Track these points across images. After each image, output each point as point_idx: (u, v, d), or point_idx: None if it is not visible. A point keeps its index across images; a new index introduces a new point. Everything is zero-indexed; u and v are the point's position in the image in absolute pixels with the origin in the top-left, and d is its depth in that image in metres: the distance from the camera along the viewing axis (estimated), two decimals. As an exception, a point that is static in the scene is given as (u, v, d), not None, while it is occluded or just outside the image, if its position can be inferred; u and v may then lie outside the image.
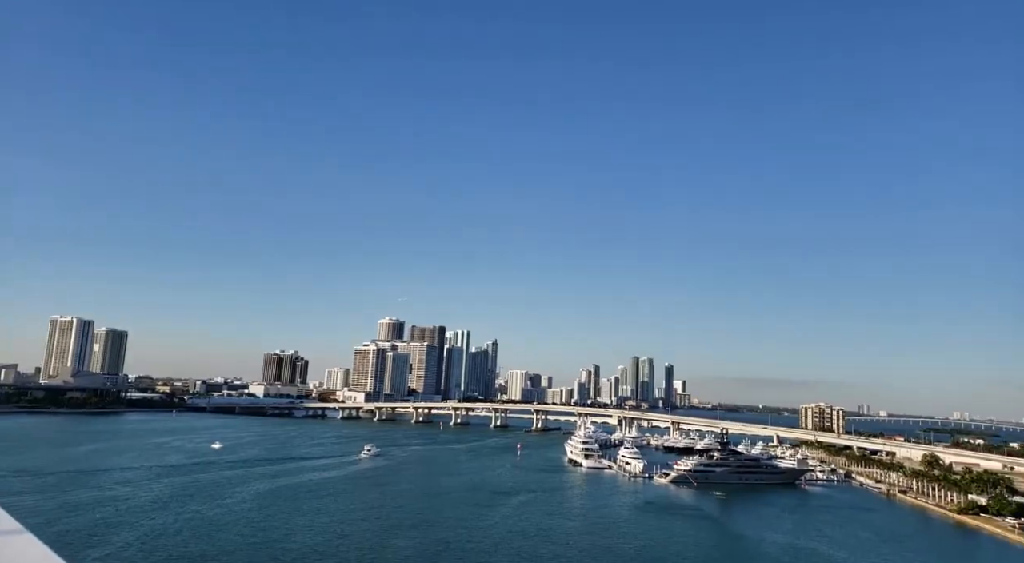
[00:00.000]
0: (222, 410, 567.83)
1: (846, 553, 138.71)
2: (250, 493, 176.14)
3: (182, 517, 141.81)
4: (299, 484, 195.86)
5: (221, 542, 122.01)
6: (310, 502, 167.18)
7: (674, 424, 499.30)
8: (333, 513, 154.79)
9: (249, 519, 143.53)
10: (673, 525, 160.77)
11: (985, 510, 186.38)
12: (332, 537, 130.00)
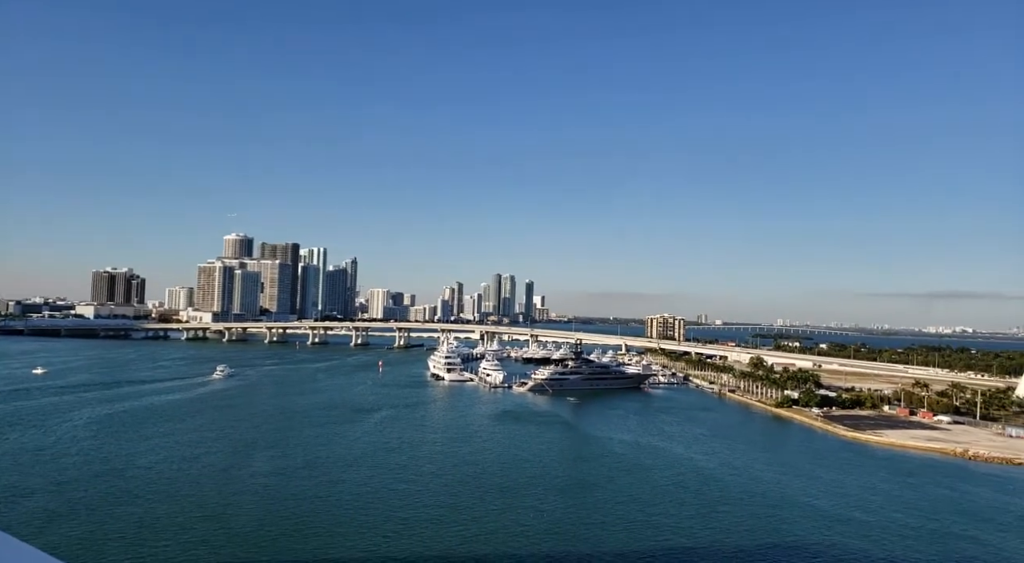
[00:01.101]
0: (43, 333, 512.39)
1: (683, 447, 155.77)
2: (83, 419, 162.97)
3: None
4: (141, 408, 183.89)
5: (50, 473, 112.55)
6: (155, 426, 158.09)
7: (533, 337, 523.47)
8: (182, 436, 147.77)
9: (83, 447, 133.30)
10: (530, 430, 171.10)
11: (797, 403, 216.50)
12: (181, 461, 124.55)
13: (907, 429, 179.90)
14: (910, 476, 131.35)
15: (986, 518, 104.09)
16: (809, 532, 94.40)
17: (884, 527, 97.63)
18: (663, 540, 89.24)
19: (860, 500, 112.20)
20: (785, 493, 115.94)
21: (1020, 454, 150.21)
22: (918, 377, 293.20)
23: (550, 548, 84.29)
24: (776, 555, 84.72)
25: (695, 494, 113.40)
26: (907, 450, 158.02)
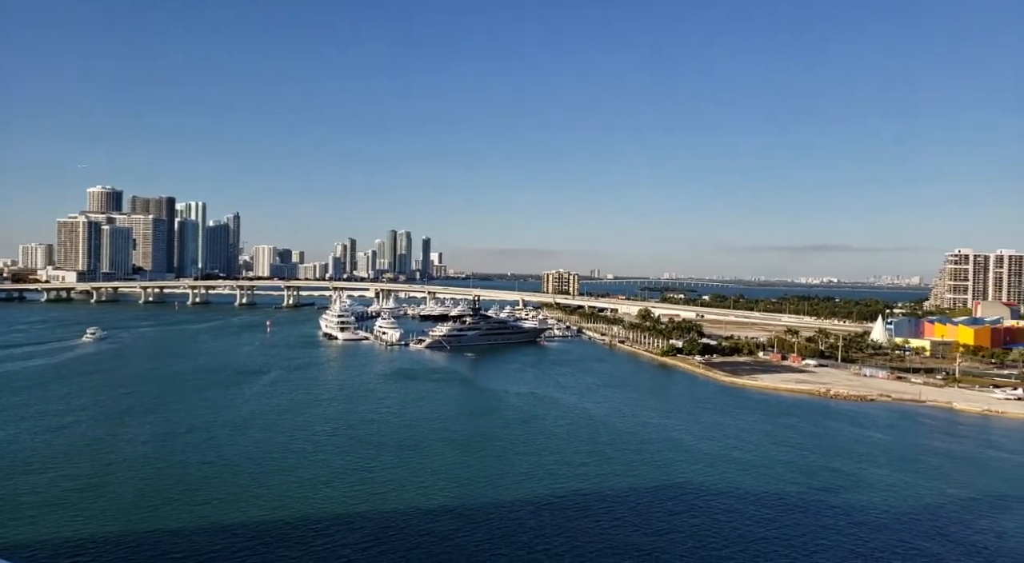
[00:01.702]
0: None
1: (576, 397, 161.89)
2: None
3: None
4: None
5: None
6: (13, 396, 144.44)
7: (430, 294, 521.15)
8: (47, 405, 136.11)
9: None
10: (427, 387, 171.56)
11: (681, 351, 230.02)
12: (47, 431, 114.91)
13: (779, 373, 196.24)
14: (781, 416, 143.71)
15: (845, 450, 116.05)
16: (693, 471, 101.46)
17: (759, 464, 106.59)
18: (559, 486, 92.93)
19: (738, 440, 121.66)
20: (671, 436, 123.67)
21: (873, 391, 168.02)
22: (790, 325, 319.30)
23: (448, 500, 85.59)
24: (664, 493, 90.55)
25: (588, 440, 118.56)
26: (779, 392, 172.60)
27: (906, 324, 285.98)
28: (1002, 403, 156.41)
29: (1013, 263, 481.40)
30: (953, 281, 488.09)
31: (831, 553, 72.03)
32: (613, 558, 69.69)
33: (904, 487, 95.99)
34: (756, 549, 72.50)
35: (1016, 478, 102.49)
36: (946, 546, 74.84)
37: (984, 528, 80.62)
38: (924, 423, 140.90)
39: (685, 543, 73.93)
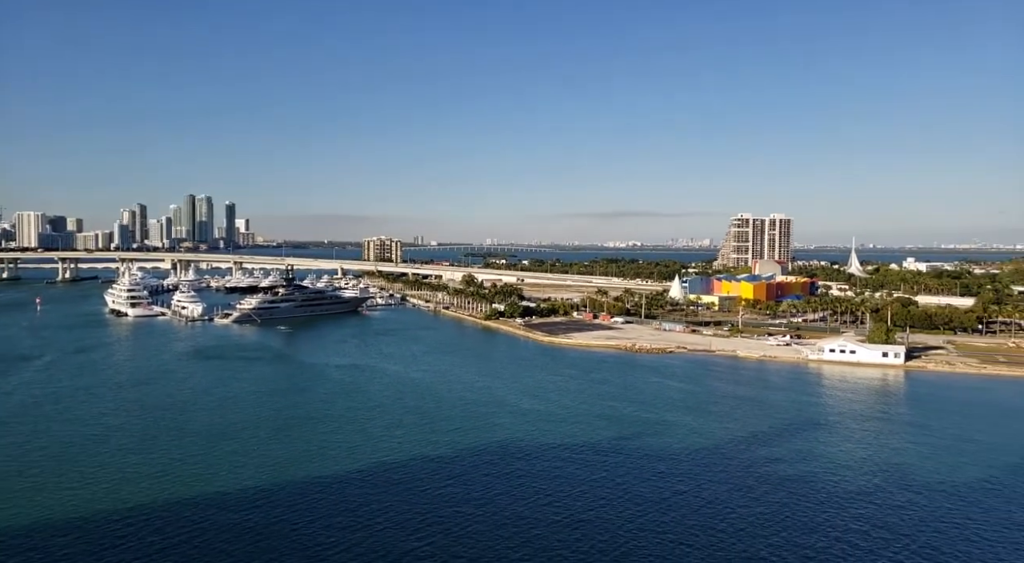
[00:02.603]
0: None
1: (401, 365, 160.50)
2: None
3: None
4: None
5: None
6: None
7: (236, 264, 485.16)
8: None
9: None
10: (237, 365, 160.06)
11: (503, 314, 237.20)
12: None
13: (591, 331, 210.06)
14: (593, 371, 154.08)
15: (650, 400, 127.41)
16: (516, 429, 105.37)
17: (575, 418, 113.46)
18: (383, 456, 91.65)
19: (556, 397, 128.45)
20: (495, 397, 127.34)
21: (671, 344, 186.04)
22: (600, 286, 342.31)
23: (263, 485, 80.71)
24: (491, 452, 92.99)
25: (414, 409, 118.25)
26: (591, 349, 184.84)
27: (699, 282, 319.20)
28: (775, 349, 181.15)
29: (783, 226, 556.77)
30: (736, 242, 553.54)
31: (643, 491, 78.86)
32: (440, 522, 70.30)
33: (700, 428, 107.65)
34: (578, 493, 77.21)
35: (785, 412, 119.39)
36: (733, 475, 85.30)
37: (763, 457, 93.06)
38: (714, 370, 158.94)
39: (512, 495, 76.66)
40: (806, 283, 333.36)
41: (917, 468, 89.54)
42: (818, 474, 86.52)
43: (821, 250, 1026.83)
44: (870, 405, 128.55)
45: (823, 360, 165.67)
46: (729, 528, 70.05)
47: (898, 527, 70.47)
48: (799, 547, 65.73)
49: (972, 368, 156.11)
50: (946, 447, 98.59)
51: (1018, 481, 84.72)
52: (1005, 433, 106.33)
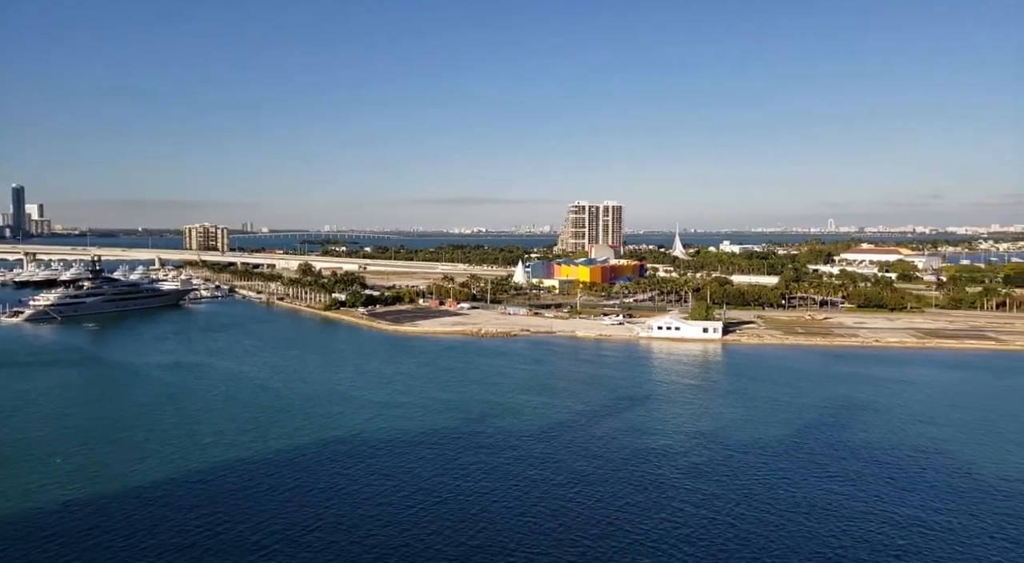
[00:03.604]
0: None
1: (233, 361, 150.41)
2: None
3: None
4: None
5: None
6: None
7: (28, 255, 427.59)
8: None
9: None
10: (26, 371, 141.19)
11: (344, 304, 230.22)
12: None
13: (438, 317, 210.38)
14: (440, 358, 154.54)
15: (497, 383, 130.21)
16: (362, 422, 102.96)
17: (424, 406, 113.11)
18: (214, 459, 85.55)
19: (403, 385, 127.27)
20: (337, 390, 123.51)
21: (515, 328, 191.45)
22: (446, 272, 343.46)
23: (68, 498, 72.13)
24: (331, 447, 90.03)
25: (249, 407, 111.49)
26: (438, 335, 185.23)
27: (541, 267, 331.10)
28: (609, 328, 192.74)
29: (615, 212, 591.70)
30: (574, 228, 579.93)
31: (491, 472, 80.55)
32: (282, 529, 67.08)
33: (546, 407, 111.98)
34: (431, 481, 77.16)
35: (621, 387, 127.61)
36: (572, 449, 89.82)
37: (600, 432, 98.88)
38: (556, 351, 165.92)
39: (360, 491, 74.90)
40: (636, 266, 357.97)
41: (735, 429, 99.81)
42: (648, 442, 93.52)
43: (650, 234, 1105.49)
44: (694, 376, 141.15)
45: (652, 337, 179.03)
46: (585, 501, 73.70)
47: (719, 480, 78.18)
48: (644, 508, 70.80)
49: (777, 339, 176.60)
50: (758, 409, 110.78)
51: (815, 435, 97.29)
52: (804, 394, 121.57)
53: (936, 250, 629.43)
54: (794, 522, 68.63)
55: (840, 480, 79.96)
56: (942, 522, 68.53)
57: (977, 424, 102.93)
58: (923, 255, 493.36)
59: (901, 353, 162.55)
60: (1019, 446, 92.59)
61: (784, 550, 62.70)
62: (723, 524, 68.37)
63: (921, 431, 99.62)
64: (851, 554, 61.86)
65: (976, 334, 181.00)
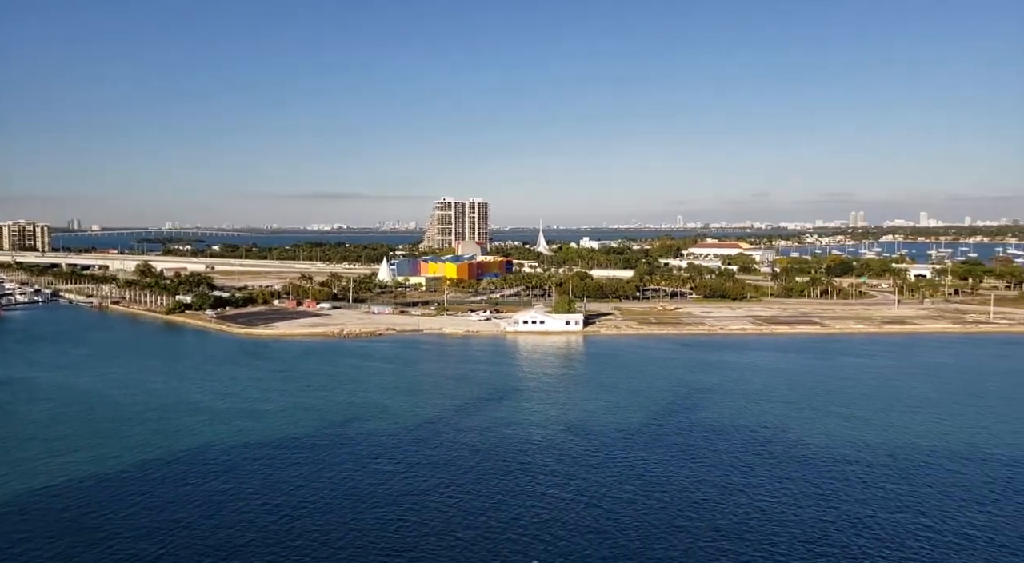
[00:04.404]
0: None
1: (62, 375, 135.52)
2: None
3: None
4: None
5: None
6: None
7: None
8: None
9: None
10: None
11: (190, 307, 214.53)
12: None
13: (296, 319, 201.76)
14: (299, 361, 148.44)
15: (359, 385, 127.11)
16: (214, 433, 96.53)
17: (281, 413, 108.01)
18: (39, 487, 76.57)
19: (258, 393, 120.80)
20: (182, 399, 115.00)
21: (381, 327, 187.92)
22: (304, 271, 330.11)
23: None
24: (180, 462, 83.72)
25: (81, 423, 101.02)
26: (296, 338, 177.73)
27: (406, 264, 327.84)
28: (477, 324, 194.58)
29: (481, 209, 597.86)
30: (440, 225, 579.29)
31: (360, 478, 78.52)
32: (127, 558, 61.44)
33: (412, 408, 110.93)
34: (292, 493, 73.83)
35: (489, 383, 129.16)
36: (442, 447, 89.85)
37: (469, 426, 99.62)
38: (423, 349, 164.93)
39: (213, 507, 70.18)
40: (503, 262, 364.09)
41: (597, 417, 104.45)
42: (516, 436, 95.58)
43: (515, 231, 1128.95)
44: (558, 367, 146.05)
45: (518, 332, 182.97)
46: (446, 501, 73.70)
47: (577, 472, 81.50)
48: (515, 496, 72.05)
49: (633, 329, 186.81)
50: (619, 396, 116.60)
51: (670, 418, 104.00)
52: (659, 380, 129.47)
53: (771, 244, 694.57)
54: (655, 498, 73.15)
55: (695, 459, 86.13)
56: (781, 488, 75.86)
57: (807, 401, 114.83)
58: (760, 249, 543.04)
59: (742, 339, 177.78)
60: (842, 418, 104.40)
61: (652, 525, 66.56)
62: (581, 502, 71.65)
63: (762, 409, 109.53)
64: (708, 522, 66.88)
65: (805, 320, 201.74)
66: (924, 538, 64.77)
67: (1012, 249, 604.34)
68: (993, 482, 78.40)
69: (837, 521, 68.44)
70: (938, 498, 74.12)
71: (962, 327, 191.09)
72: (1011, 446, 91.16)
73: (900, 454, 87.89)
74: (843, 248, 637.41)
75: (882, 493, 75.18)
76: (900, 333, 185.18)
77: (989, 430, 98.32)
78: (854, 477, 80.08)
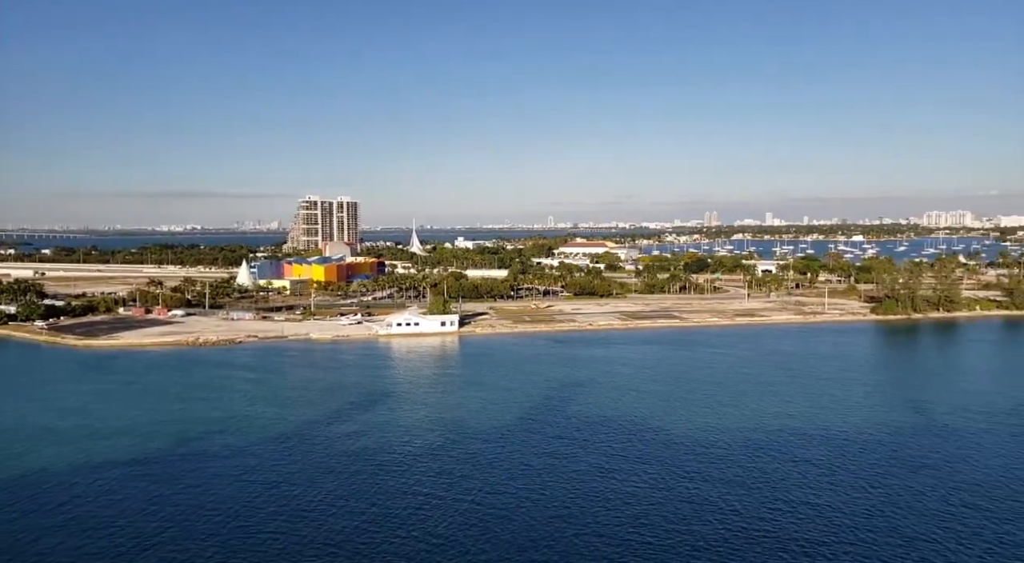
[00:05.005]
0: None
1: None
2: None
3: None
4: None
5: None
6: None
7: None
8: None
9: None
10: None
11: (15, 318, 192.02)
12: None
13: (144, 328, 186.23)
14: (147, 374, 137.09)
15: (218, 396, 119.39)
16: (54, 457, 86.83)
17: (129, 430, 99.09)
18: None
19: (102, 410, 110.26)
20: (16, 423, 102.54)
21: (241, 334, 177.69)
22: (153, 275, 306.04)
23: None
24: (20, 492, 74.56)
25: None
26: (145, 349, 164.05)
27: (268, 266, 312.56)
28: (347, 328, 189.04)
29: (350, 208, 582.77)
30: (306, 225, 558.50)
31: (226, 492, 73.59)
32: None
33: (278, 418, 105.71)
34: (148, 517, 67.87)
35: (361, 388, 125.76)
36: (313, 456, 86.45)
37: (342, 432, 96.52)
38: (289, 356, 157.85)
39: (61, 535, 62.94)
40: (374, 263, 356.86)
41: (475, 417, 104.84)
42: (393, 440, 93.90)
43: (387, 231, 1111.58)
44: (434, 369, 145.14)
45: (392, 334, 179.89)
46: (313, 511, 70.83)
47: (459, 471, 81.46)
48: (384, 517, 70.41)
49: (508, 328, 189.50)
50: (494, 396, 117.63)
51: (544, 413, 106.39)
52: (533, 376, 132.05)
53: (634, 243, 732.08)
54: (536, 492, 74.62)
55: (572, 451, 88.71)
56: (650, 470, 79.87)
57: (670, 389, 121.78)
58: (624, 248, 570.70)
59: (609, 334, 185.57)
60: (702, 404, 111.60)
61: (534, 518, 67.58)
62: (466, 501, 72.03)
63: (631, 399, 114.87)
64: (586, 510, 69.01)
65: (665, 314, 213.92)
66: (776, 509, 70.63)
67: (842, 246, 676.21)
68: (832, 455, 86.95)
69: (699, 500, 73.14)
70: (787, 470, 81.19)
71: (802, 317, 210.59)
72: (844, 421, 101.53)
73: (752, 434, 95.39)
74: (699, 246, 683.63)
75: (740, 470, 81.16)
76: (750, 324, 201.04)
77: (828, 409, 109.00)
78: (715, 456, 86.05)
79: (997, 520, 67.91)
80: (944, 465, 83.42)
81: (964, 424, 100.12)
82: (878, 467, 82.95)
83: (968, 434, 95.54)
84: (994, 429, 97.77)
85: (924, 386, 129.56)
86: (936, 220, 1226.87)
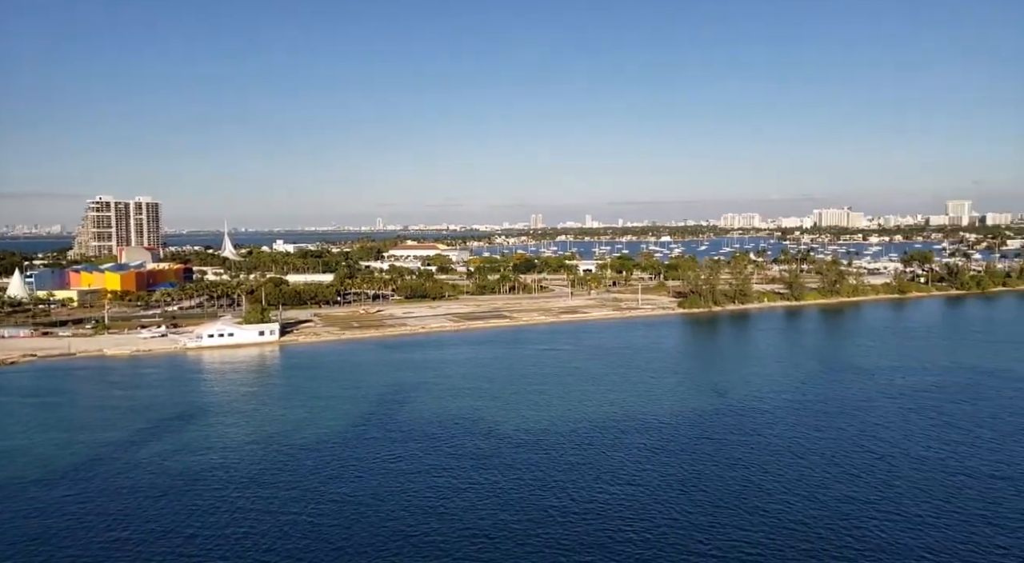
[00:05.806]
0: None
1: None
2: None
3: None
4: None
5: None
6: None
7: None
8: None
9: None
10: None
11: None
12: None
13: None
14: None
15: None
16: None
17: None
18: None
19: None
20: None
21: (15, 354, 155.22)
22: None
23: None
24: None
25: None
26: None
27: (49, 275, 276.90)
28: (149, 342, 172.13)
29: (150, 209, 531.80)
30: (97, 228, 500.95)
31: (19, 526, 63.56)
32: None
33: (65, 446, 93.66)
34: None
35: (163, 409, 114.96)
36: (118, 484, 77.65)
37: (148, 455, 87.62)
38: (78, 377, 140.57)
39: None
40: (180, 269, 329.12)
41: (299, 428, 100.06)
42: (209, 458, 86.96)
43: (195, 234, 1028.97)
44: (252, 382, 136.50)
45: (202, 347, 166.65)
46: (127, 539, 63.54)
47: (283, 478, 77.34)
48: (205, 527, 64.83)
49: (334, 335, 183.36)
50: (319, 406, 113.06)
51: (375, 421, 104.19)
52: (362, 384, 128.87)
53: (465, 245, 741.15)
54: (369, 497, 72.59)
55: (401, 453, 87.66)
56: (479, 466, 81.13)
57: (502, 387, 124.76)
58: (456, 249, 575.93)
59: (442, 336, 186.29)
60: (532, 398, 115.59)
61: (362, 527, 65.60)
62: (292, 523, 68.09)
63: (463, 399, 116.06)
64: (417, 509, 68.42)
65: (497, 314, 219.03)
66: (599, 493, 74.97)
67: (652, 246, 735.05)
68: (651, 437, 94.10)
69: (523, 488, 75.95)
70: (609, 457, 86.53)
71: (619, 313, 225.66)
72: (659, 406, 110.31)
73: (579, 424, 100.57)
74: (526, 247, 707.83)
75: (566, 463, 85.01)
76: (573, 321, 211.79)
77: (644, 396, 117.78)
78: (541, 449, 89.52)
79: (782, 481, 77.54)
80: (743, 440, 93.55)
81: (757, 404, 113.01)
82: (690, 444, 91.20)
83: (760, 412, 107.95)
84: (780, 408, 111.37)
85: (724, 371, 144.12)
86: (731, 222, 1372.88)
